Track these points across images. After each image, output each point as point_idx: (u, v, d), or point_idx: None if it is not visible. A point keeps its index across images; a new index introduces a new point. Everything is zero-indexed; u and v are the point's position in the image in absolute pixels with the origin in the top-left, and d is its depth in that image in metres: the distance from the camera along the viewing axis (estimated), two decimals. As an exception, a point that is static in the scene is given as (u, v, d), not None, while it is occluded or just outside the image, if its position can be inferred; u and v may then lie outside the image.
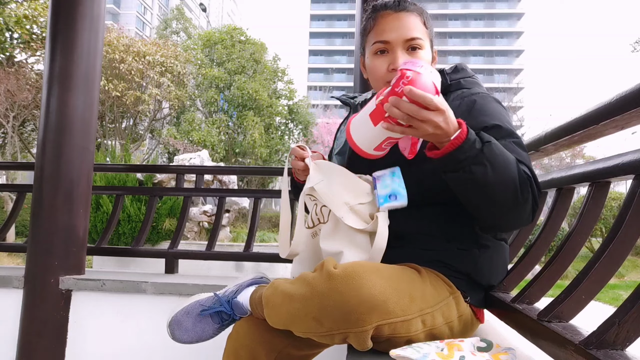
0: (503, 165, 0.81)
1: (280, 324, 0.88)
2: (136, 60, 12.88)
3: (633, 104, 0.75)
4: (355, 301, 0.76)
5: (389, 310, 0.78)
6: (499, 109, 0.99)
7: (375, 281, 0.78)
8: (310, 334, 0.84)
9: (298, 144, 1.13)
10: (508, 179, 0.81)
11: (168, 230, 7.63)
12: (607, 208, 8.94)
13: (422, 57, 1.02)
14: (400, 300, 0.80)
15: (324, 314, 0.78)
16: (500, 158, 0.80)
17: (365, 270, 0.79)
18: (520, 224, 0.91)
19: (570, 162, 16.46)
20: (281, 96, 17.78)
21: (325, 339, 0.83)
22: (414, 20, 1.03)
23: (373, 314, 0.76)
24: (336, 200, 0.97)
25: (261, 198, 2.50)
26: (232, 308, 1.06)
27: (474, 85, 1.07)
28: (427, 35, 1.05)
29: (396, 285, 0.81)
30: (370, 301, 0.76)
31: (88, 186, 2.15)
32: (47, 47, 2.09)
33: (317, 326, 0.81)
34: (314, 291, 0.79)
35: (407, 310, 0.81)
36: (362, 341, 0.79)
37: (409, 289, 0.84)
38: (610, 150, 1.32)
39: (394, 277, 0.83)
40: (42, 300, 1.98)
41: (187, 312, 1.08)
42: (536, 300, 0.95)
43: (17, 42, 10.87)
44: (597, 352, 0.64)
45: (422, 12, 1.06)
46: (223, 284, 1.88)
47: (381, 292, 0.77)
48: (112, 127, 14.13)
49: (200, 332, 1.07)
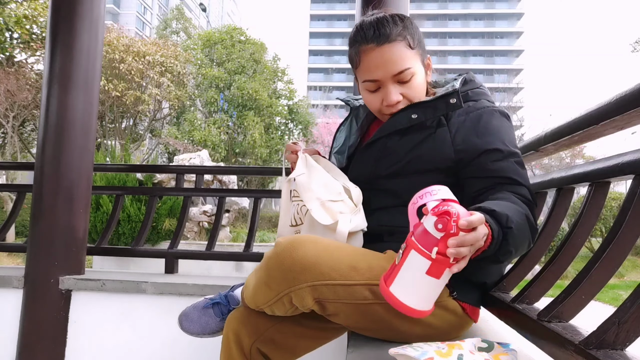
0: (521, 239, 0.86)
1: (252, 301, 0.98)
2: (136, 60, 12.89)
3: (633, 104, 0.75)
4: (289, 262, 0.86)
5: (322, 271, 0.86)
6: (503, 126, 1.01)
7: (309, 246, 0.87)
8: (268, 303, 0.93)
9: (293, 141, 1.19)
10: (525, 241, 0.89)
11: (168, 230, 7.62)
12: (607, 208, 8.94)
13: (414, 84, 1.03)
14: (336, 265, 0.87)
15: (270, 278, 0.90)
16: (518, 237, 0.84)
17: (304, 240, 0.89)
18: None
19: (570, 162, 16.46)
20: (281, 96, 17.78)
21: (279, 305, 0.92)
22: (398, 50, 1.01)
23: (306, 273, 0.85)
24: (310, 194, 1.05)
25: (261, 198, 2.50)
26: (228, 301, 1.17)
27: (480, 96, 1.07)
28: (416, 55, 1.04)
29: (332, 252, 0.88)
30: (301, 262, 0.85)
31: (88, 186, 2.15)
32: (47, 47, 2.10)
33: (268, 291, 0.91)
34: (264, 259, 0.92)
35: (347, 276, 0.87)
36: (301, 299, 0.87)
37: (350, 260, 0.89)
38: (611, 151, 1.33)
39: (332, 247, 0.90)
40: (42, 300, 1.99)
41: (194, 306, 1.19)
42: (536, 300, 0.95)
43: (17, 42, 10.87)
44: (597, 352, 0.64)
45: (405, 32, 1.02)
46: (223, 284, 1.89)
47: (313, 255, 0.86)
48: (112, 127, 14.14)
49: (205, 324, 1.16)
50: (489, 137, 0.98)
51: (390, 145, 1.05)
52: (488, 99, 1.07)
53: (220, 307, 1.16)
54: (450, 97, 1.01)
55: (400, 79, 1.03)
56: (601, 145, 39.93)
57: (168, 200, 7.74)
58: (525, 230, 0.86)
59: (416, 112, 1.03)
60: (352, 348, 0.97)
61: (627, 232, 0.73)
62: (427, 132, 1.02)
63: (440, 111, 1.02)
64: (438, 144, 1.00)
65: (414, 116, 1.02)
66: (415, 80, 1.03)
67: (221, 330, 1.15)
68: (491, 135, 0.98)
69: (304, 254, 0.86)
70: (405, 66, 1.01)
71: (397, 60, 1.01)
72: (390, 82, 1.03)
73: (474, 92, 1.07)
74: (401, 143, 1.04)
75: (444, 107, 1.02)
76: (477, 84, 1.10)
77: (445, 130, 1.01)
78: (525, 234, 0.86)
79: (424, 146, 1.01)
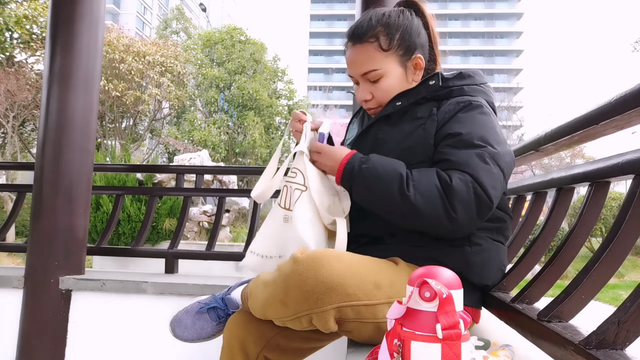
0: (379, 185, 0.91)
1: (260, 312, 0.93)
2: (136, 60, 12.89)
3: (633, 104, 0.75)
4: (312, 282, 0.80)
5: (348, 292, 0.81)
6: (481, 120, 0.97)
7: (333, 264, 0.82)
8: (282, 319, 0.88)
9: (302, 110, 1.16)
10: (387, 193, 0.90)
11: (168, 230, 7.63)
12: (607, 208, 8.94)
13: (382, 85, 1.05)
14: (362, 284, 0.83)
15: (288, 296, 0.84)
16: (372, 180, 0.92)
17: (327, 255, 0.84)
18: (443, 231, 0.90)
19: (570, 162, 16.46)
20: (281, 96, 17.79)
21: (295, 323, 0.86)
22: (367, 51, 1.04)
23: (331, 294, 0.80)
24: (316, 184, 1.02)
25: (261, 198, 2.49)
26: (225, 304, 1.11)
27: (478, 93, 1.04)
28: (390, 57, 1.04)
29: (357, 270, 0.84)
30: (326, 282, 0.80)
31: (88, 186, 2.15)
32: (47, 47, 2.09)
33: (284, 309, 0.85)
34: (280, 275, 0.86)
35: (372, 295, 0.84)
36: (324, 322, 0.82)
37: (374, 276, 0.86)
38: (610, 151, 1.32)
39: (355, 263, 0.86)
40: (42, 300, 1.98)
41: (186, 311, 1.12)
42: (536, 300, 0.95)
43: (17, 42, 10.87)
44: (596, 352, 0.64)
45: (378, 33, 1.03)
46: (223, 284, 1.89)
47: (338, 274, 0.81)
48: (112, 127, 14.14)
49: (200, 330, 1.10)
50: (458, 124, 0.96)
51: (382, 137, 1.05)
52: (487, 98, 1.05)
53: (217, 311, 1.11)
54: (430, 80, 1.04)
55: (369, 77, 1.06)
56: (602, 145, 39.92)
57: (168, 200, 7.75)
58: (389, 183, 0.90)
59: (400, 99, 1.05)
60: (352, 348, 0.97)
61: (627, 232, 0.73)
62: (418, 123, 1.02)
63: (421, 94, 1.04)
64: (427, 134, 0.99)
65: (398, 104, 1.05)
66: (384, 81, 1.05)
67: (217, 333, 1.11)
68: (461, 123, 0.96)
69: (329, 274, 0.81)
70: (371, 67, 1.04)
71: (364, 61, 1.05)
72: (361, 80, 1.08)
73: (472, 88, 1.04)
74: (392, 134, 1.04)
75: (424, 91, 1.04)
76: (477, 81, 1.07)
77: (434, 119, 1.00)
78: (386, 185, 0.90)
79: (414, 136, 1.00)
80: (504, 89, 36.28)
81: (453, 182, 0.87)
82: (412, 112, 1.04)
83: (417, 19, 1.08)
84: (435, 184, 0.88)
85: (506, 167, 0.93)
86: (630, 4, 75.83)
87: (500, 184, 0.91)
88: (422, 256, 0.96)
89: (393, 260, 0.96)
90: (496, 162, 0.91)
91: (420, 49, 1.07)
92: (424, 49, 1.09)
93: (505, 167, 0.93)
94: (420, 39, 1.07)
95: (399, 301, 0.63)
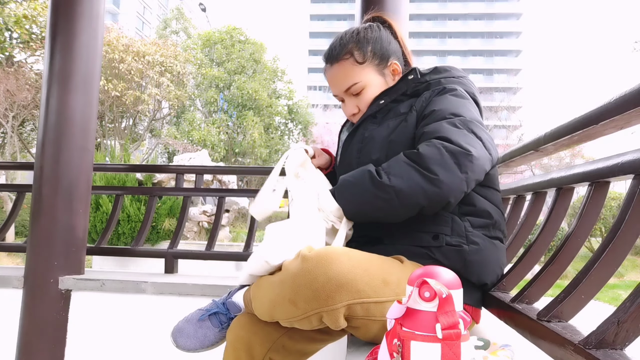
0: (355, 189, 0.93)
1: (267, 314, 0.91)
2: (136, 60, 12.89)
3: (633, 104, 0.75)
4: (323, 279, 0.79)
5: (358, 289, 0.81)
6: (454, 100, 1.00)
7: (343, 261, 0.81)
8: (291, 319, 0.86)
9: (298, 143, 1.16)
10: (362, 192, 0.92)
11: (168, 230, 7.63)
12: (607, 208, 8.95)
13: (366, 95, 1.10)
14: (371, 281, 0.83)
15: (297, 295, 0.82)
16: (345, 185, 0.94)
17: (336, 252, 0.83)
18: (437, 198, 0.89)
19: (570, 162, 16.46)
20: (281, 96, 17.80)
21: (304, 322, 0.85)
22: (344, 68, 1.10)
23: (342, 292, 0.80)
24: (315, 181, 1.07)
25: (261, 198, 2.49)
26: (227, 309, 1.08)
27: (455, 84, 1.06)
28: (367, 68, 1.09)
29: (366, 267, 0.84)
30: (337, 279, 0.79)
31: (87, 186, 2.15)
32: (47, 47, 2.09)
33: (293, 309, 0.84)
34: (288, 274, 0.85)
35: (380, 292, 0.83)
36: (335, 320, 0.81)
37: (382, 273, 0.86)
38: (609, 151, 1.32)
39: (364, 260, 0.86)
40: (41, 300, 1.98)
41: (187, 319, 1.10)
42: (535, 300, 0.95)
43: (17, 42, 10.87)
44: (596, 352, 0.64)
45: (354, 49, 1.09)
46: (222, 284, 1.89)
47: (349, 271, 0.81)
48: (111, 127, 14.14)
49: (202, 338, 1.07)
50: (432, 105, 1.00)
51: (368, 135, 1.09)
52: (465, 88, 1.07)
53: (219, 317, 1.08)
54: (408, 75, 1.09)
55: (352, 92, 1.11)
56: (601, 145, 39.94)
57: (168, 200, 7.75)
58: (362, 181, 0.91)
59: (383, 98, 1.11)
60: (352, 348, 0.97)
61: (627, 232, 0.73)
62: (401, 118, 1.06)
63: (402, 90, 1.09)
64: (410, 126, 1.03)
65: (381, 102, 1.11)
66: (367, 91, 1.10)
67: (220, 341, 1.09)
68: (435, 104, 1.00)
69: (340, 270, 0.80)
70: (352, 82, 1.10)
71: (344, 78, 1.10)
72: (345, 96, 1.13)
73: (449, 80, 1.08)
74: (378, 131, 1.07)
75: (404, 86, 1.09)
76: (453, 74, 1.10)
77: (413, 112, 1.04)
78: (360, 184, 0.92)
79: (398, 130, 1.04)
80: (504, 88, 36.30)
81: (420, 150, 0.90)
82: (396, 109, 1.09)
83: (385, 30, 1.14)
84: (403, 161, 0.90)
85: (485, 139, 0.93)
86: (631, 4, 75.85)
87: (480, 146, 0.91)
88: (421, 255, 0.97)
89: (398, 258, 0.96)
90: (470, 129, 0.92)
91: (394, 56, 1.14)
92: (397, 55, 1.14)
93: (484, 139, 0.93)
94: (392, 46, 1.13)
95: (398, 301, 0.63)
